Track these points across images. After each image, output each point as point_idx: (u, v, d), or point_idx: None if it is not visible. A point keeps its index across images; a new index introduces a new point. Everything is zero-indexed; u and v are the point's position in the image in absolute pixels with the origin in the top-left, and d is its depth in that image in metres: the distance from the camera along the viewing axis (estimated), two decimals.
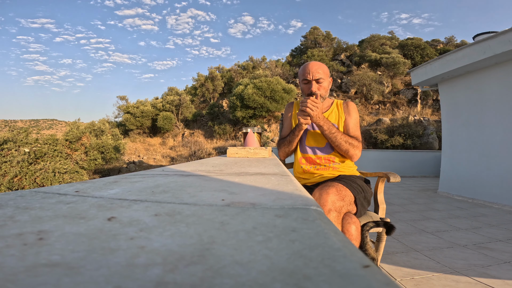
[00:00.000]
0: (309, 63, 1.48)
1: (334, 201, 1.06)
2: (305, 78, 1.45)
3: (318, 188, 1.14)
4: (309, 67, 1.45)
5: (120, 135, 10.72)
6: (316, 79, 1.43)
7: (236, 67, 19.06)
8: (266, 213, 0.30)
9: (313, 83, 1.43)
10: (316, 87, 1.44)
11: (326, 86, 1.48)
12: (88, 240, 0.21)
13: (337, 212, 1.04)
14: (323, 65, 1.48)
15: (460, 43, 19.02)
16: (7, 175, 6.81)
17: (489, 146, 4.17)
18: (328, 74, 1.49)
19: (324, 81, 1.45)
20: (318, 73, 1.43)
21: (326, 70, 1.48)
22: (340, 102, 1.57)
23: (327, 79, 1.47)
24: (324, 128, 1.34)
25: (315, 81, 1.44)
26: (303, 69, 1.47)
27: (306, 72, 1.45)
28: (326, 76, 1.46)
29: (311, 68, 1.44)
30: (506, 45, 3.52)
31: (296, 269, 0.16)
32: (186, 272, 0.16)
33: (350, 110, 1.53)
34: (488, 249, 2.13)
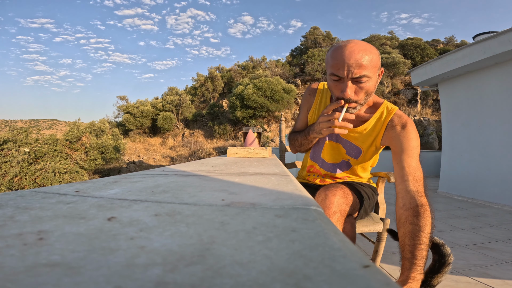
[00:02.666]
0: (345, 45, 0.89)
1: (340, 204, 0.97)
2: (334, 73, 0.90)
3: (324, 188, 1.03)
4: (345, 55, 0.87)
5: (120, 135, 10.72)
6: (355, 78, 0.89)
7: (236, 67, 19.06)
8: (266, 213, 0.30)
9: (348, 84, 0.89)
10: (353, 90, 0.90)
11: (371, 86, 0.93)
12: (88, 240, 0.21)
13: (341, 215, 0.97)
14: (371, 51, 0.89)
15: (460, 43, 19.03)
16: (7, 175, 6.81)
17: (489, 146, 4.17)
18: (378, 65, 0.92)
19: (370, 80, 0.90)
20: (361, 67, 0.87)
21: (375, 59, 0.90)
22: (388, 114, 1.01)
23: (375, 73, 0.91)
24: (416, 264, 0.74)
25: (352, 80, 0.90)
26: (335, 55, 0.90)
27: (338, 62, 0.88)
28: (373, 70, 0.90)
29: (349, 58, 0.87)
30: (506, 45, 3.52)
31: (296, 269, 0.16)
32: (186, 272, 0.16)
33: (404, 134, 0.94)
34: (488, 249, 2.12)
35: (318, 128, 1.00)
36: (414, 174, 0.86)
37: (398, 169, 0.90)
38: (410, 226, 0.78)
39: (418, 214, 0.78)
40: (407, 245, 0.76)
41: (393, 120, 1.00)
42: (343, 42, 0.93)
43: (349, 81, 0.90)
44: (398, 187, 0.89)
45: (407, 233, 0.78)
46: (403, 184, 0.86)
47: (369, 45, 0.92)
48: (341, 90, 0.92)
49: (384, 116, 1.02)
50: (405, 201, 0.83)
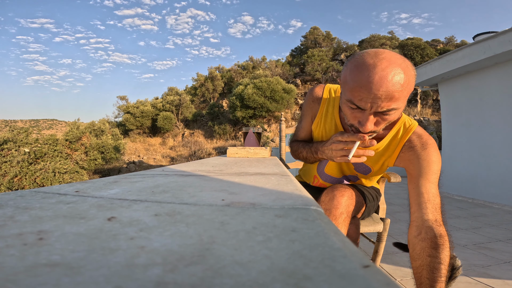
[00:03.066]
0: (373, 65, 0.68)
1: (348, 205, 0.94)
2: (353, 102, 0.73)
3: (331, 188, 0.98)
4: (373, 83, 0.68)
5: (120, 135, 10.72)
6: (381, 112, 0.72)
7: (236, 67, 19.07)
8: (266, 213, 0.30)
9: (369, 117, 0.73)
10: (373, 123, 0.75)
11: (397, 115, 0.77)
12: (88, 240, 0.21)
13: (347, 216, 0.95)
14: (407, 71, 0.70)
15: (460, 43, 19.03)
16: (7, 175, 6.81)
17: (489, 146, 4.17)
18: (412, 88, 0.73)
19: (398, 110, 0.73)
20: (392, 100, 0.69)
21: (411, 83, 0.71)
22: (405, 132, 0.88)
23: (406, 100, 0.73)
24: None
25: (375, 114, 0.74)
26: (358, 78, 0.70)
27: (362, 90, 0.70)
28: (406, 97, 0.73)
29: (379, 87, 0.68)
30: (506, 45, 3.52)
31: (296, 269, 0.16)
32: (186, 272, 0.16)
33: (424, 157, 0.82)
34: (488, 249, 2.13)
35: (329, 153, 0.88)
36: (433, 202, 0.79)
37: (415, 194, 0.81)
38: (428, 258, 0.73)
39: (437, 246, 0.73)
40: (426, 278, 0.71)
41: (411, 140, 0.87)
42: (369, 56, 0.71)
43: (371, 114, 0.73)
44: (413, 214, 0.81)
45: (425, 265, 0.73)
46: (419, 212, 0.79)
47: (404, 62, 0.71)
48: (359, 121, 0.76)
49: (401, 134, 0.89)
50: (421, 230, 0.77)
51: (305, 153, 1.05)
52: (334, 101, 0.99)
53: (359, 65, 0.72)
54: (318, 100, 1.02)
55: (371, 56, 0.71)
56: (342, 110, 0.83)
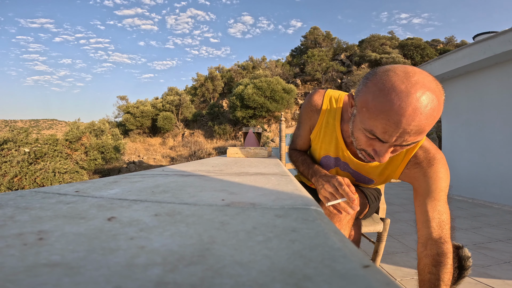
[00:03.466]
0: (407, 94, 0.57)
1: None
2: (374, 134, 0.64)
3: None
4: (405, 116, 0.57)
5: (120, 135, 10.73)
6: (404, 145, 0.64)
7: (236, 67, 19.07)
8: (266, 213, 0.30)
9: (388, 150, 0.66)
10: (390, 154, 0.67)
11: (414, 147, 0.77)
12: (88, 240, 0.21)
13: (351, 217, 0.93)
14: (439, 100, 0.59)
15: (460, 43, 19.04)
16: (7, 175, 6.81)
17: (489, 146, 4.17)
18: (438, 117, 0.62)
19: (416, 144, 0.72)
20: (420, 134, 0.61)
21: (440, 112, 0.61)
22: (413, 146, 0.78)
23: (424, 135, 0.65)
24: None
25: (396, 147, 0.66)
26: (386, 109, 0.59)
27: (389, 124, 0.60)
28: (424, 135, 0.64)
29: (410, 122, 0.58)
30: (506, 45, 3.52)
31: (296, 269, 0.16)
32: (186, 272, 0.16)
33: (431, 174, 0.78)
34: (488, 249, 2.13)
35: (319, 187, 0.82)
36: (439, 219, 0.77)
37: (420, 212, 0.79)
38: (428, 275, 0.73)
39: (438, 264, 0.73)
40: None
41: (417, 156, 0.79)
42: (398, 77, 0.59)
43: (392, 147, 0.65)
44: (419, 231, 0.80)
45: (426, 281, 0.73)
46: (424, 230, 0.77)
47: (437, 86, 0.60)
48: (375, 150, 0.68)
49: (407, 152, 0.81)
50: (426, 247, 0.77)
51: (302, 169, 1.01)
52: (335, 112, 0.90)
53: (387, 90, 0.59)
54: (317, 110, 0.93)
55: (401, 78, 0.59)
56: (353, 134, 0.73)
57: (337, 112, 0.90)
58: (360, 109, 0.66)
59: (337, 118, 0.90)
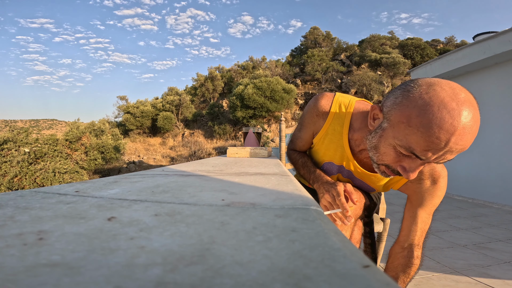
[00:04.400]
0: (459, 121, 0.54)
1: (355, 208, 0.92)
2: (412, 152, 0.60)
3: None
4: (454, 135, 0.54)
5: (120, 135, 10.73)
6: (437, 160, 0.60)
7: (236, 67, 19.07)
8: (266, 213, 0.30)
9: (420, 167, 0.63)
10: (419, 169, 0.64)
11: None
12: (88, 240, 0.21)
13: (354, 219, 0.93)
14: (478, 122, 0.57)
15: (460, 43, 19.04)
16: (7, 175, 6.81)
17: (489, 146, 4.17)
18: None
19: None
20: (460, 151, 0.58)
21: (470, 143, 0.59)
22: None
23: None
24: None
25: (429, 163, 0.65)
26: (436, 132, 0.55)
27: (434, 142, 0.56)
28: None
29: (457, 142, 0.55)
30: (506, 45, 3.52)
31: (296, 269, 0.16)
32: (186, 272, 0.16)
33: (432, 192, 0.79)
34: (488, 249, 2.13)
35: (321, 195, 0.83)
36: (422, 228, 0.83)
37: (409, 220, 0.84)
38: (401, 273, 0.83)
39: (412, 265, 0.83)
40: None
41: (422, 171, 0.78)
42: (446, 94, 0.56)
43: (422, 164, 0.62)
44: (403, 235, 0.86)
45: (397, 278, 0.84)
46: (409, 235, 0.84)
47: (475, 101, 0.58)
48: (403, 167, 0.64)
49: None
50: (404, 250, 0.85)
51: (303, 172, 0.99)
52: (344, 119, 0.85)
53: (437, 107, 0.55)
54: (324, 115, 0.88)
55: (450, 95, 0.56)
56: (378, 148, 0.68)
57: (346, 119, 0.85)
58: (396, 124, 0.62)
59: (345, 125, 0.85)
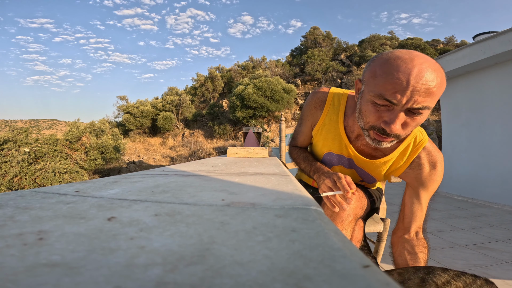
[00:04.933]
0: (411, 59, 0.63)
1: (355, 208, 0.93)
2: (384, 97, 0.65)
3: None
4: (412, 74, 0.62)
5: (120, 135, 10.73)
6: (413, 109, 0.65)
7: (236, 67, 19.07)
8: (266, 213, 0.30)
9: (399, 115, 0.66)
10: (401, 123, 0.67)
11: (425, 118, 0.69)
12: (88, 240, 0.21)
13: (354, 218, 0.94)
14: (441, 71, 0.66)
15: (460, 43, 19.04)
16: (7, 175, 6.81)
17: (489, 146, 4.17)
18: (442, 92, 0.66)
19: (426, 112, 0.67)
20: (429, 95, 0.63)
21: (444, 82, 0.66)
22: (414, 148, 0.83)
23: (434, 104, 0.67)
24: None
25: (407, 111, 0.66)
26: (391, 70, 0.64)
27: (398, 82, 0.63)
28: (436, 100, 0.66)
29: (418, 79, 0.62)
30: (506, 45, 3.52)
31: (296, 269, 0.16)
32: (186, 272, 0.16)
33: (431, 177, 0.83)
34: (488, 249, 2.13)
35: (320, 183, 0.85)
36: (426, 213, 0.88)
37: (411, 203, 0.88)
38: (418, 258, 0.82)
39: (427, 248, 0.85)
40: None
41: (420, 157, 0.83)
42: (401, 52, 0.66)
43: (402, 112, 0.66)
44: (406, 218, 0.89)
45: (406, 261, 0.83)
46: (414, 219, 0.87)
47: (439, 65, 0.67)
48: (385, 121, 0.68)
49: (410, 150, 0.83)
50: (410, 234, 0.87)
51: (303, 166, 1.01)
52: (338, 108, 0.92)
53: (393, 59, 0.65)
54: (321, 106, 0.94)
55: (404, 52, 0.67)
56: (361, 112, 0.74)
57: (341, 109, 0.92)
58: (367, 80, 0.71)
59: (340, 114, 0.92)
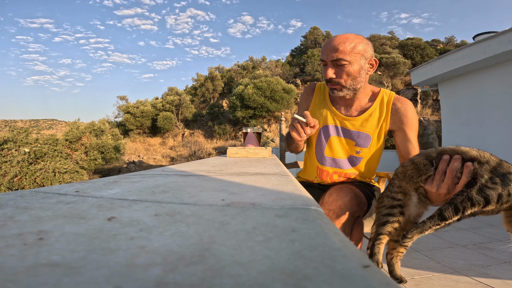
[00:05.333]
0: (332, 37, 1.05)
1: (352, 205, 0.99)
2: (321, 59, 1.08)
3: (335, 188, 1.04)
4: (326, 43, 1.04)
5: (120, 135, 10.73)
6: (334, 60, 1.02)
7: (236, 67, 19.06)
8: (266, 213, 0.30)
9: (329, 68, 1.04)
10: (333, 72, 1.04)
11: (353, 71, 1.03)
12: (88, 240, 0.21)
13: (351, 216, 0.98)
14: (353, 40, 1.02)
15: (460, 43, 19.02)
16: (7, 175, 6.81)
17: (489, 146, 4.16)
18: (363, 53, 1.03)
19: (350, 65, 1.02)
20: (337, 51, 1.00)
21: (357, 46, 1.01)
22: (389, 98, 1.12)
23: (357, 59, 1.02)
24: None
25: (331, 63, 1.04)
26: (322, 45, 1.12)
27: (322, 49, 1.07)
28: (354, 56, 1.01)
29: (328, 44, 1.03)
30: (506, 45, 3.52)
31: (296, 269, 0.16)
32: (186, 272, 0.16)
33: (408, 115, 1.08)
34: (488, 249, 2.13)
35: (290, 127, 1.08)
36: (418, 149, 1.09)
37: (404, 145, 1.10)
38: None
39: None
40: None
41: (395, 104, 1.11)
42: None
43: (329, 64, 1.05)
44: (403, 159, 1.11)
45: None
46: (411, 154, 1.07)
47: (355, 36, 1.04)
48: (326, 73, 1.06)
49: (386, 100, 1.12)
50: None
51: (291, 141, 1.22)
52: (324, 92, 1.24)
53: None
54: (311, 92, 1.26)
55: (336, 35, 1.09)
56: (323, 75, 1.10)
57: (326, 91, 1.24)
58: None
59: (326, 95, 1.23)
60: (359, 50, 1.02)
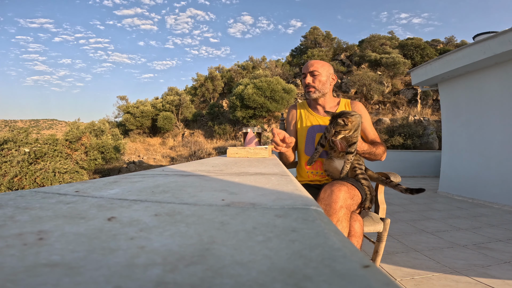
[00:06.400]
0: (310, 60, 1.58)
1: (346, 199, 1.07)
2: (303, 73, 1.56)
3: (329, 185, 1.14)
4: (305, 64, 1.58)
5: (120, 135, 10.73)
6: (310, 71, 1.52)
7: (236, 67, 19.05)
8: (266, 213, 0.30)
9: (307, 77, 1.52)
10: (310, 80, 1.51)
11: (323, 80, 1.52)
12: (88, 240, 0.21)
13: (347, 209, 1.06)
14: (322, 62, 1.56)
15: (460, 43, 19.03)
16: (7, 175, 6.81)
17: (489, 146, 4.17)
18: (328, 70, 1.54)
19: (320, 75, 1.51)
20: (312, 65, 1.51)
21: (324, 65, 1.54)
22: (347, 102, 1.58)
23: (324, 73, 1.52)
24: (367, 152, 1.36)
25: (309, 74, 1.52)
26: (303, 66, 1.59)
27: (303, 68, 1.56)
28: (323, 70, 1.52)
29: (308, 64, 1.56)
30: (506, 45, 3.52)
31: (296, 269, 0.16)
32: (186, 272, 0.16)
33: (361, 110, 1.52)
34: (488, 249, 2.13)
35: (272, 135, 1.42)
36: (378, 138, 1.50)
37: (369, 137, 1.50)
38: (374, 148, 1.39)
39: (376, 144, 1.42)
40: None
41: (352, 105, 1.56)
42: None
43: (308, 74, 1.53)
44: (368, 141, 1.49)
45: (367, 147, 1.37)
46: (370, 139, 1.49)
47: (323, 62, 1.57)
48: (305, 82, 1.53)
49: (345, 104, 1.57)
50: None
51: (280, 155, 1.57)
52: (304, 105, 1.67)
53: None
54: (295, 108, 1.68)
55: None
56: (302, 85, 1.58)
57: (305, 104, 1.67)
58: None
59: (306, 106, 1.65)
60: (326, 68, 1.54)
